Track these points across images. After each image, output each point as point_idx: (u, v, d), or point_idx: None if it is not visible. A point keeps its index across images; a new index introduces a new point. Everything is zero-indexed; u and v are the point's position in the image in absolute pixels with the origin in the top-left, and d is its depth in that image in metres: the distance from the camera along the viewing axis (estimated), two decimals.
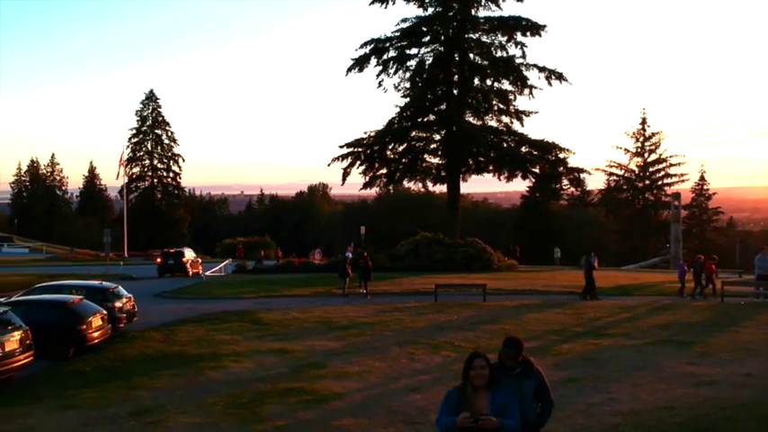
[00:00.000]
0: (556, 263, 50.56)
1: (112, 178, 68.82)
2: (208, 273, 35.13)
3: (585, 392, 11.82)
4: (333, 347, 16.77)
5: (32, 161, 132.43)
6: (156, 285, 33.08)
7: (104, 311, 17.77)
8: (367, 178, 43.04)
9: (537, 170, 41.10)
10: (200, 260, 44.27)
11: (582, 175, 43.19)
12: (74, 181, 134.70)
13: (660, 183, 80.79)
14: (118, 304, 19.35)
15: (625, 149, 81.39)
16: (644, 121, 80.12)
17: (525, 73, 40.70)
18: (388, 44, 41.51)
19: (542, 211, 79.28)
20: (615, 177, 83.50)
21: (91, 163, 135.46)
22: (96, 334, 17.01)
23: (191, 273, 37.77)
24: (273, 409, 11.39)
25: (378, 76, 41.92)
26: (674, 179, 79.43)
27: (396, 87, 42.59)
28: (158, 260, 40.42)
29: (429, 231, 41.74)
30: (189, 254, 41.10)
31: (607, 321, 19.92)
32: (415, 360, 15.09)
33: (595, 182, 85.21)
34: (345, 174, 42.26)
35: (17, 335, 14.07)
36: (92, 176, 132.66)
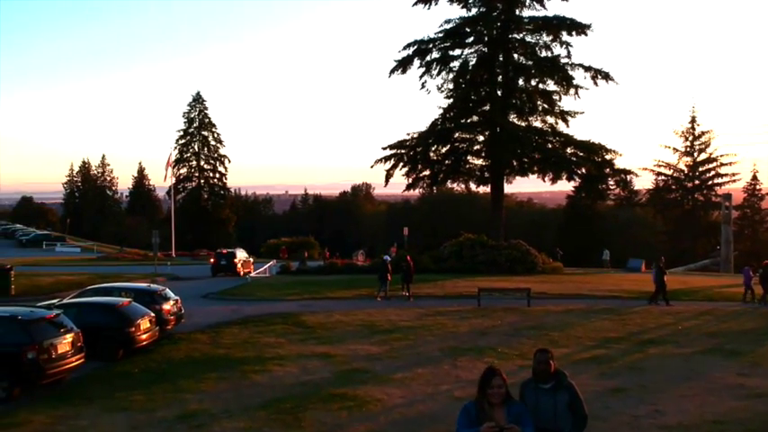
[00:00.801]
0: (605, 265, 49.71)
1: (161, 179, 70.40)
2: (252, 274, 35.60)
3: (631, 404, 11.62)
4: (375, 352, 16.81)
5: (84, 162, 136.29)
6: (202, 286, 33.62)
7: (152, 314, 18.15)
8: (410, 180, 42.97)
9: (582, 172, 40.44)
10: (251, 260, 45.25)
11: (629, 177, 42.35)
12: (123, 181, 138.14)
13: (710, 183, 78.82)
14: (166, 307, 19.74)
15: (674, 149, 79.67)
16: (693, 120, 78.29)
17: (570, 73, 40.17)
18: (431, 45, 41.37)
19: (588, 211, 78.18)
20: (663, 177, 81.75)
21: (140, 164, 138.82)
22: (144, 336, 17.39)
23: (242, 273, 38.88)
24: (316, 416, 11.48)
25: (421, 77, 41.87)
26: (725, 179, 77.36)
27: (439, 88, 42.49)
28: (212, 260, 42.18)
29: (472, 232, 41.51)
30: (240, 254, 42.45)
31: (654, 328, 19.53)
32: (457, 367, 15.03)
33: (643, 182, 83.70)
34: (388, 175, 42.28)
35: (69, 337, 14.47)
36: (141, 177, 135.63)
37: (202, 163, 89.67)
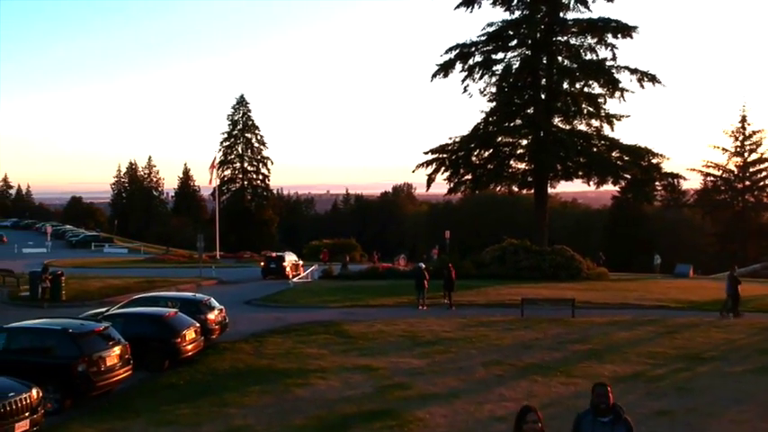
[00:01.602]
0: (655, 270, 48.78)
1: (205, 180, 71.48)
2: (295, 279, 35.85)
3: (678, 429, 11.38)
4: (417, 366, 16.78)
5: (131, 163, 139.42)
6: (246, 291, 34.01)
7: (197, 324, 18.42)
8: (452, 184, 42.82)
9: (629, 176, 39.71)
10: (301, 263, 46.12)
11: (677, 181, 41.40)
12: (169, 182, 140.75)
13: (762, 183, 76.53)
14: (210, 316, 20.01)
15: (723, 149, 77.52)
16: (744, 119, 76.08)
17: (616, 75, 39.46)
18: (473, 49, 41.09)
19: (634, 213, 76.81)
20: (712, 178, 79.73)
21: (185, 164, 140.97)
22: (190, 347, 17.67)
23: (290, 276, 39.82)
24: None
25: (463, 81, 41.63)
26: None
27: (481, 92, 42.17)
28: (262, 263, 43.48)
29: (515, 233, 41.16)
30: (289, 258, 43.53)
31: (702, 343, 19.05)
32: (500, 383, 14.91)
33: (690, 182, 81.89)
34: (430, 180, 42.16)
35: (117, 350, 14.81)
36: (186, 178, 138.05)
37: (246, 165, 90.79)
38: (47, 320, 15.43)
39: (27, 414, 11.74)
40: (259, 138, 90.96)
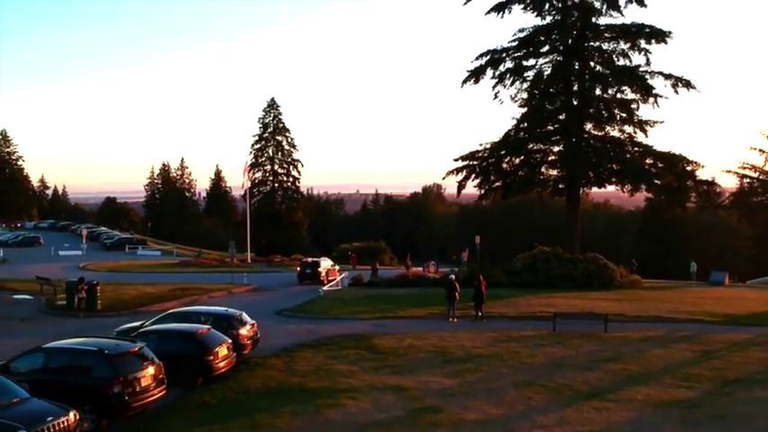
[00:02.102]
0: (692, 277, 48.04)
1: (237, 181, 72.16)
2: (325, 287, 35.98)
3: None
4: (448, 386, 16.73)
5: (164, 165, 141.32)
6: (278, 300, 34.30)
7: (230, 341, 18.57)
8: (482, 191, 42.66)
9: (662, 183, 39.11)
10: (336, 268, 47.27)
11: (712, 189, 40.68)
12: (201, 184, 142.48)
13: None
14: (242, 332, 20.17)
15: (760, 150, 75.91)
16: None
17: (650, 81, 38.94)
18: (504, 55, 40.84)
19: (668, 214, 75.65)
20: (748, 180, 78.14)
21: (217, 166, 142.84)
22: (222, 364, 17.83)
23: (325, 280, 41.44)
24: None
25: (494, 87, 41.42)
26: None
27: (512, 98, 41.90)
28: (298, 269, 45.44)
29: (546, 235, 40.94)
30: (324, 263, 45.44)
31: (739, 363, 18.69)
32: (532, 407, 14.79)
33: (726, 183, 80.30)
34: (460, 187, 41.97)
35: (151, 370, 14.99)
36: (218, 179, 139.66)
37: (276, 167, 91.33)
38: (83, 340, 15.67)
39: None
40: (290, 140, 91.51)
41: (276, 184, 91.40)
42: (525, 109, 41.48)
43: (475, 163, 41.51)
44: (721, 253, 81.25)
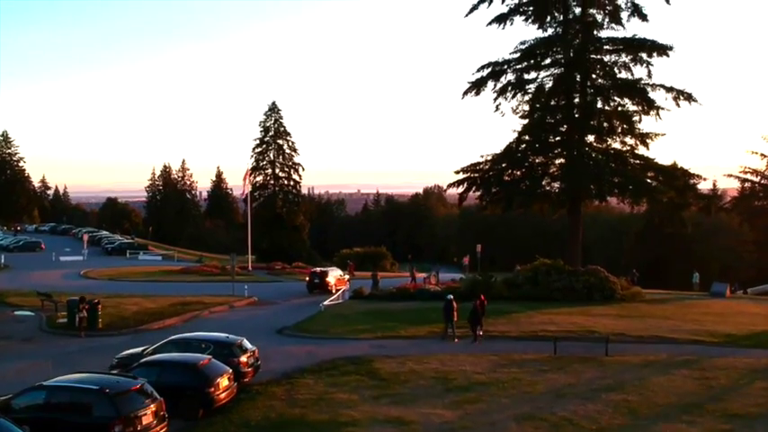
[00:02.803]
0: (694, 288, 47.91)
1: (238, 181, 72.11)
2: (326, 302, 35.96)
3: None
4: (449, 419, 16.74)
5: (165, 167, 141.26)
6: (279, 315, 34.37)
7: (230, 371, 18.60)
8: (484, 203, 42.59)
9: (664, 199, 38.99)
10: (346, 277, 48.44)
11: (713, 201, 40.58)
12: (202, 185, 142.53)
13: None
14: (243, 359, 20.20)
15: (762, 154, 75.81)
16: None
17: (651, 94, 38.77)
18: (505, 66, 40.68)
19: (668, 229, 75.55)
20: (750, 184, 78.04)
21: (218, 168, 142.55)
22: (223, 395, 17.88)
23: (334, 290, 42.72)
24: None
25: (495, 99, 41.26)
26: None
27: (514, 111, 41.74)
28: (307, 278, 47.00)
29: (547, 241, 40.79)
30: (333, 274, 47.01)
31: (741, 392, 18.69)
32: None
33: (728, 186, 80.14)
34: (461, 199, 41.93)
35: (153, 407, 15.04)
36: (219, 180, 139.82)
37: (277, 171, 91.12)
38: (85, 376, 15.69)
39: None
40: (291, 144, 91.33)
41: (277, 188, 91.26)
42: (527, 121, 41.38)
43: (476, 175, 41.40)
44: (724, 257, 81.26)
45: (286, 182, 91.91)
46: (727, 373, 20.96)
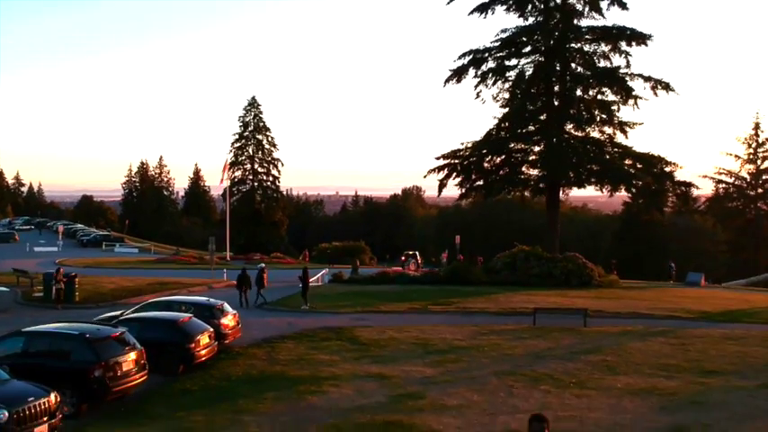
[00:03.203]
0: (672, 278, 48.45)
1: (216, 180, 71.91)
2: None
3: None
4: (430, 375, 16.81)
5: (142, 163, 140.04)
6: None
7: (211, 329, 18.53)
8: (463, 190, 42.82)
9: (641, 184, 39.51)
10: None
11: (689, 190, 41.19)
12: (179, 183, 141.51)
13: None
14: (224, 321, 20.13)
15: (735, 156, 77.15)
16: (757, 126, 75.73)
17: (630, 83, 39.37)
18: (486, 54, 41.08)
19: (645, 219, 76.50)
20: (724, 185, 79.27)
21: (196, 165, 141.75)
22: (204, 352, 17.78)
23: None
24: None
25: (476, 87, 41.60)
26: None
27: (494, 98, 42.13)
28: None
29: (526, 237, 41.13)
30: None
31: (715, 355, 18.97)
32: (513, 394, 14.91)
33: (703, 189, 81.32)
34: (441, 185, 42.08)
35: (133, 355, 14.92)
36: (196, 178, 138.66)
37: (256, 166, 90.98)
38: (64, 324, 15.54)
39: (46, 419, 11.88)
40: (270, 139, 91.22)
41: (256, 183, 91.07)
42: (507, 109, 41.72)
43: (456, 161, 41.65)
44: (697, 257, 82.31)
45: (265, 177, 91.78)
46: (703, 340, 21.27)
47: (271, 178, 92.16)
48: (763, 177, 76.39)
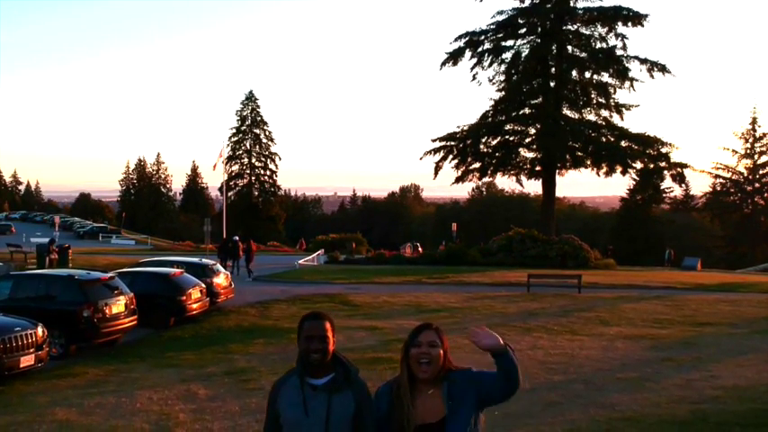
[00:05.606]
0: (667, 264, 48.27)
1: (213, 177, 72.28)
2: (301, 261, 35.85)
3: (684, 371, 11.31)
4: None
5: (140, 160, 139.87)
6: (254, 272, 34.04)
7: (203, 285, 18.48)
8: (459, 172, 42.82)
9: (637, 165, 39.50)
10: None
11: (685, 171, 41.16)
12: (177, 180, 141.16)
13: None
14: (216, 280, 20.10)
15: (733, 151, 77.16)
16: (754, 121, 75.81)
17: (626, 65, 39.35)
18: (482, 37, 41.09)
19: (643, 215, 76.42)
20: (722, 180, 79.27)
21: (193, 162, 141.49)
22: (195, 305, 17.74)
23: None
24: (362, 375, 11.43)
25: (472, 69, 41.62)
26: None
27: (490, 80, 42.14)
28: None
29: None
30: None
31: (709, 312, 18.95)
32: (506, 339, 14.78)
33: (700, 185, 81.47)
34: (437, 168, 42.09)
35: (123, 299, 14.87)
36: (194, 175, 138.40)
37: (254, 160, 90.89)
38: (54, 269, 15.47)
39: (32, 350, 11.81)
40: (267, 134, 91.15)
41: (253, 178, 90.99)
42: (503, 91, 41.71)
43: (452, 144, 41.61)
44: (694, 252, 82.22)
45: (262, 171, 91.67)
46: (697, 302, 21.25)
47: (268, 173, 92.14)
48: (761, 172, 76.43)
